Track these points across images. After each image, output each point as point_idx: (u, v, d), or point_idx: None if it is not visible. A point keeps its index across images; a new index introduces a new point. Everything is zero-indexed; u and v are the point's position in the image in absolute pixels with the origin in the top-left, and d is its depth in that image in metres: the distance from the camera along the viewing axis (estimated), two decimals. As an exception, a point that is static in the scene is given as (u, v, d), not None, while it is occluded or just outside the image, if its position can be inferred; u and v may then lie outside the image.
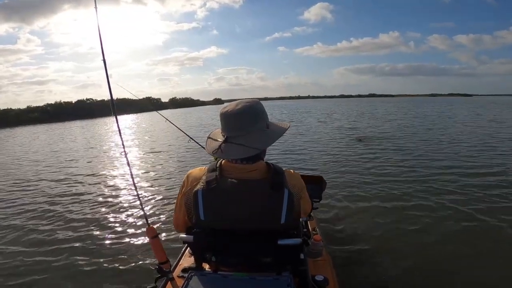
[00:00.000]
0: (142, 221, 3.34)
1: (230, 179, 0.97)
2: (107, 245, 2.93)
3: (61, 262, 2.62)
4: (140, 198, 1.54)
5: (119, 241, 2.98)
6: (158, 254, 1.29)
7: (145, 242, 2.82)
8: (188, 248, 1.47)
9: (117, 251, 2.77)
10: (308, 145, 8.43)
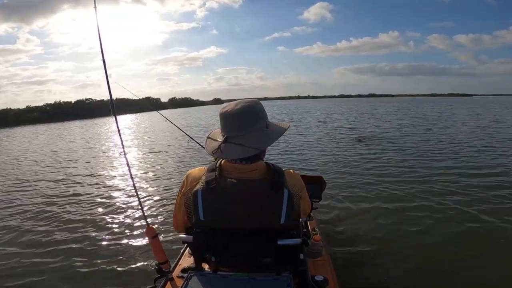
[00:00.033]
0: (142, 221, 3.33)
1: (230, 179, 0.96)
2: (106, 246, 2.91)
3: (59, 264, 2.60)
4: (139, 198, 1.54)
5: (118, 242, 2.97)
6: (158, 254, 1.29)
7: (144, 243, 2.81)
8: (187, 248, 1.47)
9: (116, 252, 2.76)
10: (307, 145, 8.42)
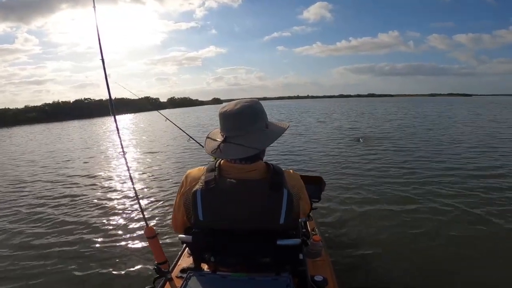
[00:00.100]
0: (141, 221, 3.31)
1: (229, 179, 0.96)
2: (105, 246, 2.88)
3: (56, 266, 2.56)
4: (138, 198, 1.53)
5: (117, 242, 2.95)
6: (157, 254, 1.29)
7: (143, 243, 2.80)
8: (187, 248, 1.46)
9: (115, 253, 2.74)
10: (307, 145, 8.41)
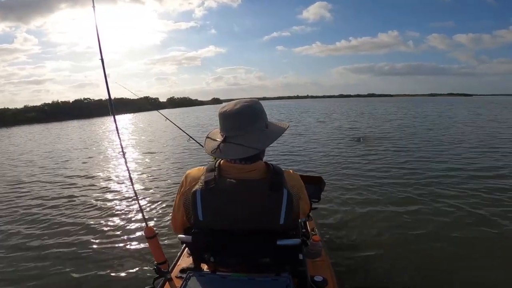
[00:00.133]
0: (140, 221, 3.31)
1: (229, 179, 0.96)
2: (104, 247, 2.86)
3: (55, 267, 2.53)
4: (138, 198, 1.53)
5: (117, 243, 2.93)
6: (156, 254, 1.28)
7: (142, 244, 2.79)
8: (186, 248, 1.46)
9: (114, 253, 2.72)
10: (307, 145, 8.40)
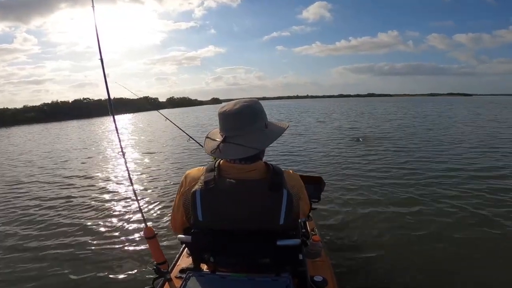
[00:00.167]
0: (140, 222, 3.30)
1: (229, 179, 0.96)
2: (103, 248, 2.84)
3: (53, 268, 2.51)
4: (137, 198, 1.53)
5: (116, 243, 2.92)
6: (156, 254, 1.28)
7: (142, 244, 2.78)
8: (186, 248, 1.46)
9: (113, 254, 2.71)
10: (307, 145, 8.39)
